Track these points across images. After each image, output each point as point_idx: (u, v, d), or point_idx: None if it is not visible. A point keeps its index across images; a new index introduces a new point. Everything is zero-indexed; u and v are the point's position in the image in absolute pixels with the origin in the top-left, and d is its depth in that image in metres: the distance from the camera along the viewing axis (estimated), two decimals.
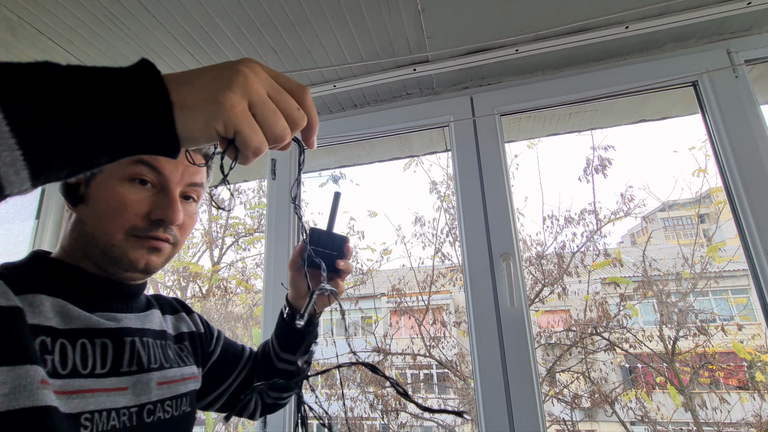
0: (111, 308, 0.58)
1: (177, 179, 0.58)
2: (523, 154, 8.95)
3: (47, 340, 0.48)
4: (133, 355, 0.56)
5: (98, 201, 0.55)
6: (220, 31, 1.16)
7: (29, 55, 1.22)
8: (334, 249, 0.70)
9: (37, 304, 0.50)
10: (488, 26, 1.18)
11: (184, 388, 0.63)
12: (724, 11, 1.13)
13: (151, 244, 0.57)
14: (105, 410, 0.50)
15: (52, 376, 0.47)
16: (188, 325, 0.75)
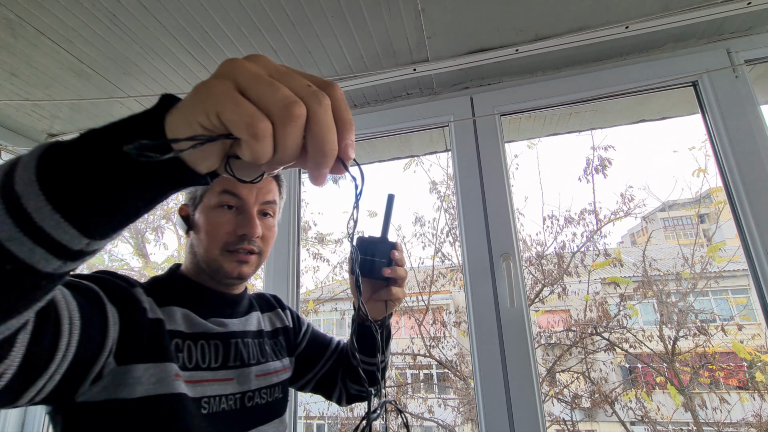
0: (220, 314, 0.73)
1: (253, 200, 0.71)
2: (523, 154, 8.95)
3: (179, 342, 0.64)
4: (237, 353, 0.71)
5: (200, 227, 0.71)
6: (220, 31, 1.16)
7: (29, 55, 1.22)
8: (383, 256, 0.70)
9: (172, 314, 0.66)
10: (488, 26, 1.18)
11: (276, 378, 0.76)
12: (724, 11, 1.13)
13: (239, 257, 0.70)
14: (217, 396, 0.65)
15: (182, 369, 0.62)
16: (281, 321, 0.88)
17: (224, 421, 0.64)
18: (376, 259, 0.70)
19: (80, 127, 1.64)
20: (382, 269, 0.69)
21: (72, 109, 1.51)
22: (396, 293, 0.72)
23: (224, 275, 0.71)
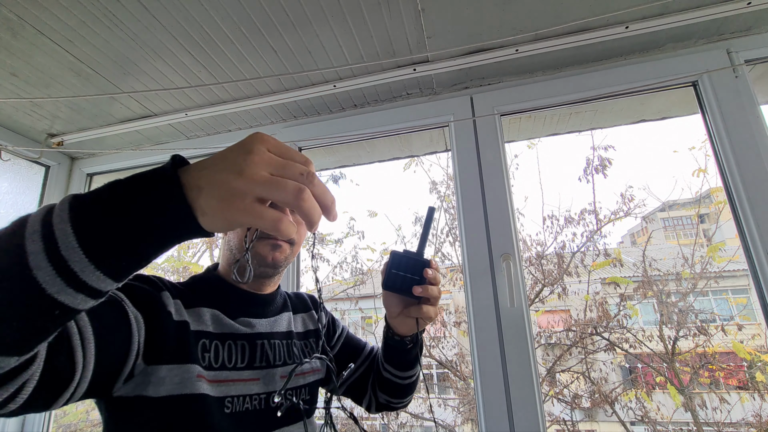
0: (249, 314, 0.74)
1: None
2: (523, 154, 8.95)
3: (207, 342, 0.66)
4: (263, 354, 0.72)
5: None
6: (220, 31, 1.16)
7: (29, 55, 1.22)
8: (416, 273, 0.68)
9: (201, 314, 0.68)
10: (488, 26, 1.18)
11: (303, 380, 0.76)
12: (724, 11, 1.13)
13: (272, 242, 0.72)
14: (242, 395, 0.66)
15: (208, 368, 0.64)
16: (315, 323, 0.88)
17: (247, 421, 0.65)
18: (408, 276, 0.68)
19: (80, 127, 1.64)
20: (412, 287, 0.67)
21: (72, 109, 1.51)
22: (427, 312, 0.70)
23: (259, 262, 0.72)
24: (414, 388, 0.85)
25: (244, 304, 0.75)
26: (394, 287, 0.68)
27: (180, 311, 0.65)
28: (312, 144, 1.57)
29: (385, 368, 0.83)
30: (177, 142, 1.73)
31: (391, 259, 0.69)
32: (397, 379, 0.82)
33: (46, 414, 1.56)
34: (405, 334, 0.75)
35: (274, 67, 1.31)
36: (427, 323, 0.72)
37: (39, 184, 1.76)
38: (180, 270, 5.00)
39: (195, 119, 1.57)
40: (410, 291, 0.67)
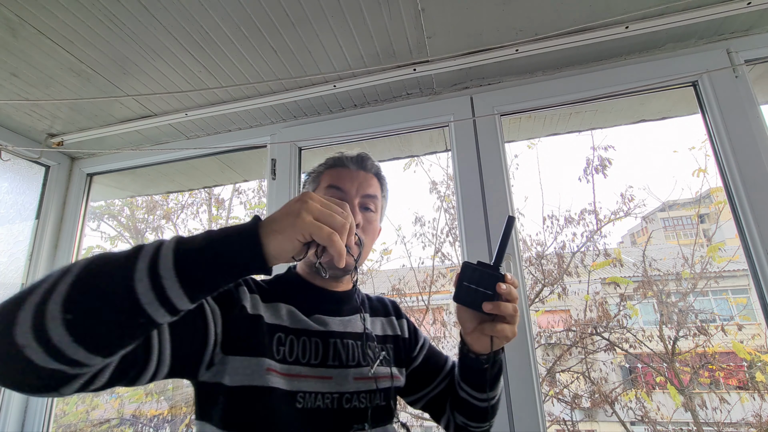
0: (323, 311, 0.75)
1: (354, 192, 0.77)
2: (523, 154, 8.95)
3: (282, 336, 0.67)
4: (336, 353, 0.71)
5: None
6: (220, 31, 1.16)
7: (29, 55, 1.22)
8: (488, 288, 0.62)
9: (278, 309, 0.70)
10: (488, 26, 1.18)
11: (376, 384, 0.73)
12: (724, 11, 1.13)
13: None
14: (314, 392, 0.66)
15: (282, 362, 0.65)
16: (393, 329, 0.85)
17: (319, 419, 0.65)
18: (479, 289, 0.63)
19: (80, 127, 1.64)
20: (483, 302, 0.62)
21: (72, 109, 1.51)
22: (502, 330, 0.64)
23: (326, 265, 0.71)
24: (494, 413, 0.78)
25: (319, 300, 0.76)
26: (465, 301, 0.64)
27: (256, 305, 0.68)
28: (312, 144, 1.57)
29: (461, 387, 0.78)
30: (177, 142, 1.73)
31: (462, 270, 0.65)
32: (474, 400, 0.76)
33: (46, 414, 1.57)
34: (480, 352, 0.70)
35: (274, 67, 1.31)
36: (503, 343, 0.67)
37: (39, 184, 1.76)
38: None
39: (195, 119, 1.57)
40: (481, 306, 0.62)
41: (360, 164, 0.81)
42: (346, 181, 0.78)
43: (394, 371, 0.78)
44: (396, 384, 0.78)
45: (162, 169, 1.94)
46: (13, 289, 1.64)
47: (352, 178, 0.78)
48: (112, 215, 5.22)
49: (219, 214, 5.28)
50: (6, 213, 1.64)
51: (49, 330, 0.39)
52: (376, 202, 0.80)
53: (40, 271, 1.68)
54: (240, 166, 1.97)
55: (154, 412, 4.43)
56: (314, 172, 0.84)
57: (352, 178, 0.78)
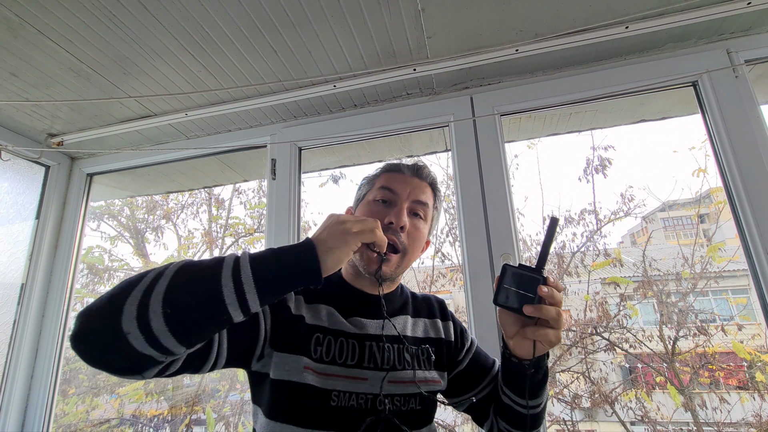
0: (362, 313, 0.76)
1: (405, 196, 0.78)
2: (523, 154, 8.93)
3: (320, 336, 0.71)
4: (371, 356, 0.73)
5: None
6: (220, 31, 1.16)
7: (29, 55, 1.22)
8: (529, 290, 0.61)
9: (318, 310, 0.74)
10: (488, 26, 1.18)
11: (413, 388, 0.73)
12: (724, 11, 1.13)
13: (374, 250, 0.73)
14: (348, 392, 0.68)
15: (318, 361, 0.69)
16: (437, 331, 0.84)
17: (352, 417, 0.67)
18: (520, 292, 0.61)
19: (80, 127, 1.64)
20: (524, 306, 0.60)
21: (72, 109, 1.51)
22: (545, 335, 0.62)
23: (364, 269, 0.75)
24: (540, 421, 0.75)
25: (359, 303, 0.78)
26: (505, 304, 0.62)
27: (299, 306, 0.73)
28: (312, 144, 1.57)
29: (504, 392, 0.75)
30: (177, 142, 1.73)
31: (502, 272, 0.63)
32: (518, 406, 0.73)
33: (46, 414, 1.57)
34: (523, 357, 0.67)
35: (274, 67, 1.31)
36: (547, 348, 0.65)
37: (39, 184, 1.76)
38: None
39: (195, 119, 1.57)
40: (522, 309, 0.61)
41: (415, 172, 0.83)
42: (398, 184, 0.80)
43: (431, 375, 0.77)
44: (433, 388, 0.76)
45: (162, 169, 1.94)
46: (13, 289, 1.64)
47: (405, 182, 0.80)
48: (112, 215, 5.22)
49: (219, 214, 5.28)
50: (6, 213, 1.64)
51: (150, 321, 0.47)
52: (426, 210, 0.81)
53: (40, 271, 1.69)
54: (240, 166, 1.97)
55: (154, 412, 4.43)
56: (370, 176, 0.87)
57: (406, 182, 0.80)
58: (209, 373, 3.86)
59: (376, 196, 0.80)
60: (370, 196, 0.81)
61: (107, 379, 4.65)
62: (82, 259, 2.22)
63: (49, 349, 1.62)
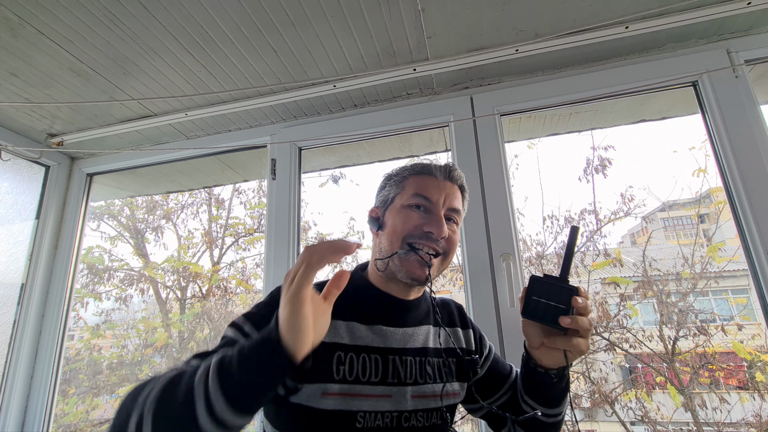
0: (386, 320, 0.73)
1: (441, 203, 0.75)
2: (523, 154, 8.91)
3: (342, 354, 0.66)
4: (395, 371, 0.69)
5: (389, 224, 0.76)
6: (220, 31, 1.16)
7: (29, 55, 1.22)
8: (561, 302, 0.61)
9: (336, 327, 0.68)
10: (488, 26, 1.18)
11: (435, 403, 0.71)
12: (724, 11, 1.13)
13: (422, 257, 0.71)
14: (374, 412, 0.65)
15: (342, 381, 0.64)
16: (458, 341, 0.82)
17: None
18: (551, 303, 0.61)
19: (80, 127, 1.64)
20: (557, 317, 0.60)
21: (72, 109, 1.51)
22: (578, 345, 0.62)
23: (405, 274, 0.71)
24: (559, 429, 0.77)
25: (384, 309, 0.74)
26: (536, 316, 0.63)
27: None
28: (312, 144, 1.57)
29: (524, 401, 0.76)
30: (177, 142, 1.73)
31: (531, 284, 0.63)
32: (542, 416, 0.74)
33: (46, 414, 1.57)
34: (550, 367, 0.68)
35: (274, 67, 1.31)
36: (576, 357, 0.65)
37: (39, 184, 1.76)
38: (180, 270, 5.01)
39: (195, 119, 1.57)
40: (555, 321, 0.61)
41: (447, 174, 0.79)
42: (433, 191, 0.76)
43: (453, 388, 0.76)
44: (454, 401, 0.76)
45: (162, 169, 1.94)
46: (13, 289, 1.64)
47: (439, 188, 0.76)
48: (112, 215, 5.22)
49: (219, 214, 5.28)
50: (6, 213, 1.64)
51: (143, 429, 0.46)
52: (459, 216, 0.79)
53: (40, 271, 1.68)
54: (240, 166, 1.97)
55: None
56: (397, 176, 0.81)
57: (440, 188, 0.76)
58: None
59: (411, 202, 0.75)
60: (402, 201, 0.77)
61: (107, 379, 4.65)
62: (82, 259, 2.22)
63: (49, 349, 1.62)
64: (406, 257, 0.71)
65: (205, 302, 4.96)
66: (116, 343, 4.89)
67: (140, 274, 5.01)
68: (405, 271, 0.71)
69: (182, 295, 4.95)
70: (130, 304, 4.91)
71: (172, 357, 4.58)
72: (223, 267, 5.23)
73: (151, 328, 4.90)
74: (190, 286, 5.05)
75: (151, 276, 4.98)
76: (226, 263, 5.25)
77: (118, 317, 4.91)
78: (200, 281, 5.06)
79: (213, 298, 5.02)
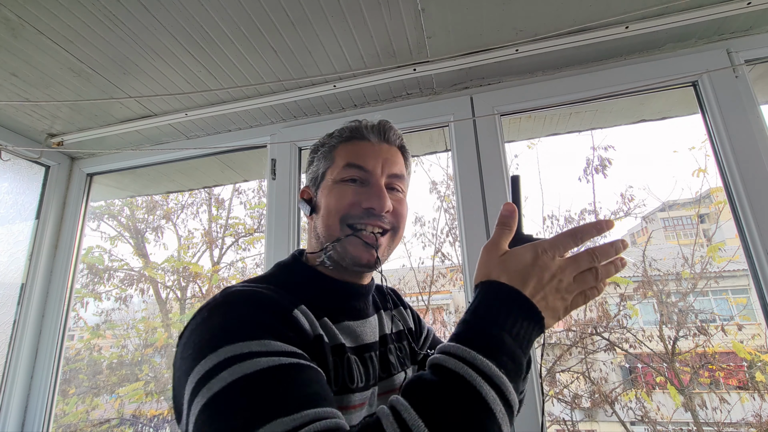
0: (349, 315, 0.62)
1: (379, 172, 0.64)
2: (523, 154, 8.91)
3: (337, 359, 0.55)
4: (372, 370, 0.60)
5: (322, 205, 0.64)
6: (220, 31, 1.16)
7: (29, 55, 1.22)
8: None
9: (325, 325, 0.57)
10: (488, 26, 1.18)
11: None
12: (724, 11, 1.13)
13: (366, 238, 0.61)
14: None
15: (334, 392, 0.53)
16: (405, 321, 0.75)
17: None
18: None
19: (80, 127, 1.64)
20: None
21: (72, 109, 1.51)
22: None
23: (351, 260, 0.61)
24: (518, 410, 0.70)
25: (345, 299, 0.63)
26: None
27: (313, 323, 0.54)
28: (312, 144, 1.57)
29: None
30: (177, 142, 1.73)
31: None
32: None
33: (46, 414, 1.57)
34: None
35: (274, 67, 1.31)
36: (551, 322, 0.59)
37: (39, 184, 1.76)
38: (180, 270, 5.01)
39: (195, 119, 1.57)
40: None
41: (382, 135, 0.67)
42: (368, 158, 0.64)
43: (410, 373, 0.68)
44: None
45: (162, 169, 1.94)
46: (13, 289, 1.64)
47: (375, 153, 0.65)
48: (112, 215, 5.22)
49: (219, 214, 5.29)
50: (6, 213, 1.64)
51: None
52: (403, 183, 0.68)
53: (40, 271, 1.68)
54: (240, 166, 1.97)
55: (154, 412, 4.43)
56: (324, 146, 0.70)
57: (375, 153, 0.65)
58: None
59: (343, 175, 0.64)
60: (333, 175, 0.65)
61: (107, 379, 4.65)
62: (82, 259, 2.22)
63: (49, 349, 1.62)
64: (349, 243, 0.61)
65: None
66: (116, 343, 4.89)
67: (140, 274, 5.01)
68: (350, 257, 0.61)
69: (182, 295, 4.95)
70: (130, 304, 4.92)
71: (172, 357, 4.58)
72: (223, 267, 5.24)
73: (151, 328, 4.90)
74: (190, 286, 5.05)
75: (151, 276, 4.99)
76: (226, 263, 5.26)
77: (118, 317, 4.91)
78: (200, 281, 5.06)
79: None
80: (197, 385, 0.41)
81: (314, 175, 0.69)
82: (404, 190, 0.69)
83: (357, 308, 0.64)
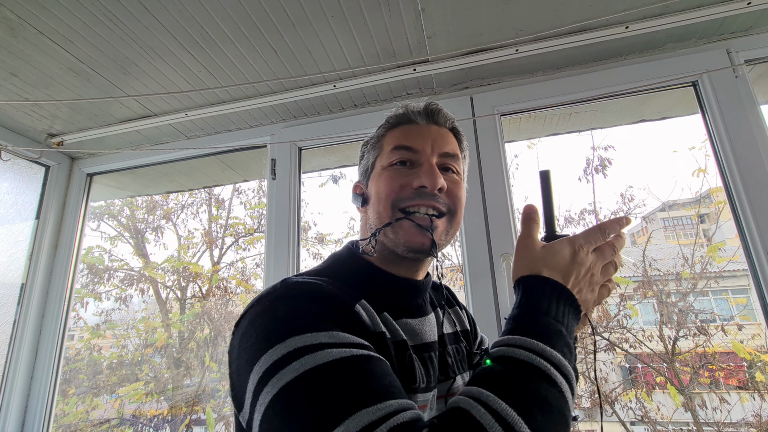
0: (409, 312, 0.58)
1: (429, 151, 0.60)
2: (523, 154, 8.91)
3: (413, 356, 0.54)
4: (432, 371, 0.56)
5: (373, 194, 0.62)
6: (220, 31, 1.16)
7: (29, 55, 1.22)
8: None
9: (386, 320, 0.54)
10: (488, 26, 1.18)
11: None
12: (724, 11, 1.13)
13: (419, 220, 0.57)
14: None
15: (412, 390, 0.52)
16: (461, 322, 0.71)
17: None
18: None
19: (80, 127, 1.64)
20: None
21: (72, 109, 1.51)
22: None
23: (405, 246, 0.57)
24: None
25: (404, 296, 0.60)
26: None
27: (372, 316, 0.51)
28: (312, 144, 1.57)
29: None
30: (177, 142, 1.73)
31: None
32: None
33: (46, 414, 1.57)
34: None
35: (274, 67, 1.31)
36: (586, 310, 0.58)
37: (39, 184, 1.76)
38: (180, 270, 5.01)
39: (195, 119, 1.57)
40: None
41: (431, 118, 0.64)
42: (416, 138, 0.61)
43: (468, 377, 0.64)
44: None
45: (162, 169, 1.94)
46: (13, 289, 1.64)
47: (422, 134, 0.61)
48: (112, 215, 5.22)
49: (219, 214, 5.29)
50: (6, 213, 1.64)
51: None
52: (457, 164, 0.63)
53: (40, 271, 1.68)
54: (240, 166, 1.97)
55: (154, 412, 4.43)
56: (373, 138, 0.67)
57: (423, 134, 0.62)
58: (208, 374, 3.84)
59: (391, 159, 0.60)
60: (383, 162, 0.62)
61: (107, 379, 4.65)
62: (82, 259, 2.22)
63: (49, 349, 1.62)
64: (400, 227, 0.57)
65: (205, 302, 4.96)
66: (116, 343, 4.89)
67: (140, 274, 5.01)
68: (403, 241, 0.57)
69: (182, 295, 4.95)
70: (130, 304, 4.92)
71: (172, 357, 4.58)
72: (223, 267, 5.23)
73: (151, 328, 4.90)
74: (190, 286, 5.05)
75: (151, 276, 4.99)
76: (226, 263, 5.26)
77: (118, 317, 4.91)
78: (200, 281, 5.07)
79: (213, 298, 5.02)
80: (265, 374, 0.40)
81: (365, 167, 0.66)
82: (459, 172, 0.64)
83: (415, 305, 0.60)
